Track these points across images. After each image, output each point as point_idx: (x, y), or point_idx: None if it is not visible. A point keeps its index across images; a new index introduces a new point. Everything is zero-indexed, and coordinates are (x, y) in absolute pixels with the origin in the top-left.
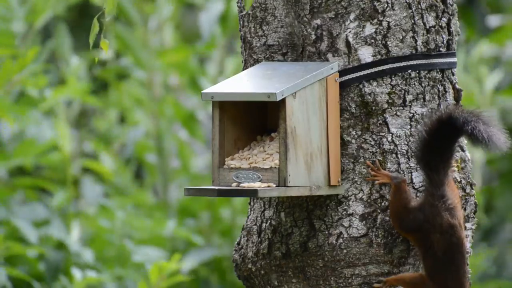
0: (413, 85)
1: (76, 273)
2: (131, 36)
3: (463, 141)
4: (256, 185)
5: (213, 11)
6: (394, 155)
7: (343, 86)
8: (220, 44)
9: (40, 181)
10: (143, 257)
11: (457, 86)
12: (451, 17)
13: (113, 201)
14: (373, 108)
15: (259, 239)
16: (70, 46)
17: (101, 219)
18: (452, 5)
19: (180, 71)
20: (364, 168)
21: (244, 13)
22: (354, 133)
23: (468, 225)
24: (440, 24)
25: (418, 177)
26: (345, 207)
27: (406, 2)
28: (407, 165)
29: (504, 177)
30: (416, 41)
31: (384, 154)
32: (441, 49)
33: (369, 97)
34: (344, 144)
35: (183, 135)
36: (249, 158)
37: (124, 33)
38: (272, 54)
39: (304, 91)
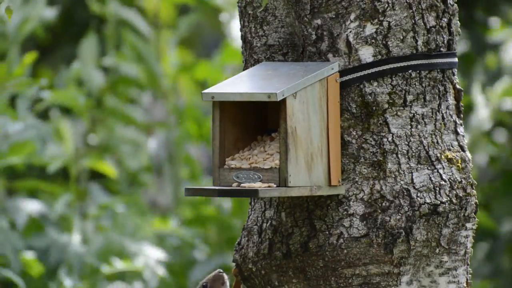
0: (414, 85)
1: (67, 281)
2: (145, 47)
3: (464, 140)
4: (257, 185)
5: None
6: (394, 155)
7: (343, 86)
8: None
9: (42, 184)
10: (142, 258)
11: (457, 86)
12: (451, 17)
13: (118, 201)
14: (374, 108)
15: (260, 239)
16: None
17: (104, 218)
18: (452, 5)
19: (200, 87)
20: (364, 168)
21: (248, 12)
22: (354, 133)
23: (469, 225)
24: (440, 24)
25: (418, 177)
26: (346, 207)
27: (406, 2)
28: (408, 165)
29: (507, 176)
30: (416, 41)
31: (385, 154)
32: (441, 49)
33: (370, 97)
34: (344, 144)
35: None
36: (249, 158)
37: (138, 42)
38: (273, 54)
39: (305, 91)
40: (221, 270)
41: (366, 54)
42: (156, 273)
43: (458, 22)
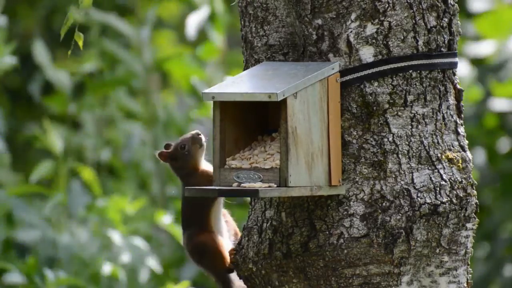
0: (414, 85)
1: (49, 273)
2: (121, 49)
3: (464, 140)
4: (257, 185)
5: (203, 12)
6: (395, 155)
7: (344, 86)
8: (220, 47)
9: (34, 187)
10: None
11: (458, 86)
12: (452, 17)
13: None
14: (374, 108)
15: (260, 239)
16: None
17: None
18: (453, 5)
19: (178, 72)
20: (365, 168)
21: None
22: (355, 133)
23: (469, 225)
24: (441, 24)
25: (419, 177)
26: (346, 207)
27: (407, 2)
28: (408, 165)
29: (506, 179)
30: (417, 41)
31: (385, 154)
32: (442, 49)
33: (370, 97)
34: (345, 144)
35: None
36: (250, 158)
37: (112, 46)
38: (273, 54)
39: (305, 91)
40: (199, 132)
41: (367, 54)
42: (147, 266)
43: (458, 22)
